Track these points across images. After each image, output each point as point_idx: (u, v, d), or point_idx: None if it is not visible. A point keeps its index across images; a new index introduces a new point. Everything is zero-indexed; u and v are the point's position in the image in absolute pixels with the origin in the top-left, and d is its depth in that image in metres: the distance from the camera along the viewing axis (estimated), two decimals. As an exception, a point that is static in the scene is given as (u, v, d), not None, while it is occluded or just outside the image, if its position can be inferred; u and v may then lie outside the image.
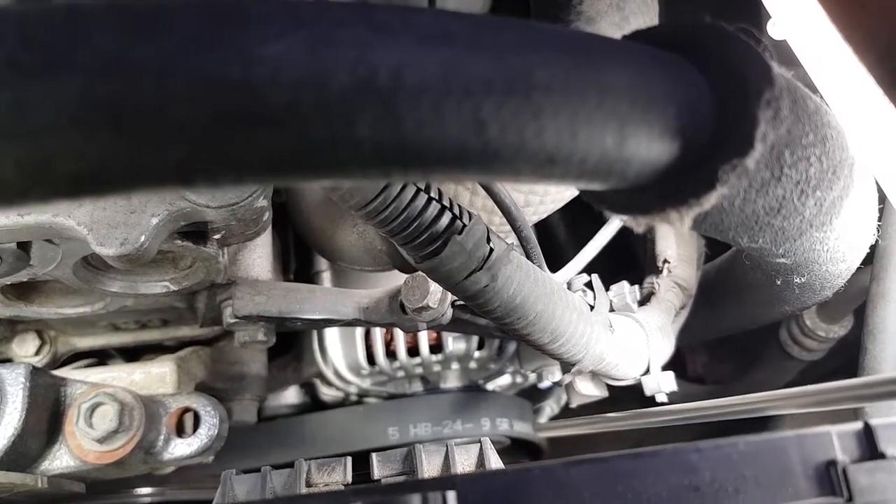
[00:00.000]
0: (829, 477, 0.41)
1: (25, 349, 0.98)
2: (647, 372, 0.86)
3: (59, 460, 0.79)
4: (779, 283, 0.70)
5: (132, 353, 1.10)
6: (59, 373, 0.85)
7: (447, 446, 0.66)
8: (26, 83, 0.26)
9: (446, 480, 0.36)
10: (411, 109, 0.28)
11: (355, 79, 0.28)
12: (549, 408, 1.42)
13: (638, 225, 0.41)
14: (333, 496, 0.35)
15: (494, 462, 0.67)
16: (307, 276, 1.22)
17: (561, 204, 0.85)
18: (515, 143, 0.32)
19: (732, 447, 0.40)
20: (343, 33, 0.28)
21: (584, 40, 0.34)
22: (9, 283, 0.70)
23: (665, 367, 0.90)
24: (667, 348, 0.89)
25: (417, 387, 1.28)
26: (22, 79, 0.26)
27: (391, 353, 1.19)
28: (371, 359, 1.20)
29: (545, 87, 0.31)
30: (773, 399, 0.76)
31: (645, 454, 0.39)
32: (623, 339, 0.79)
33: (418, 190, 0.56)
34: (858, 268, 0.67)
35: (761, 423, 1.42)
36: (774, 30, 0.77)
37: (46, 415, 0.78)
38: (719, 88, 0.37)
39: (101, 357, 1.10)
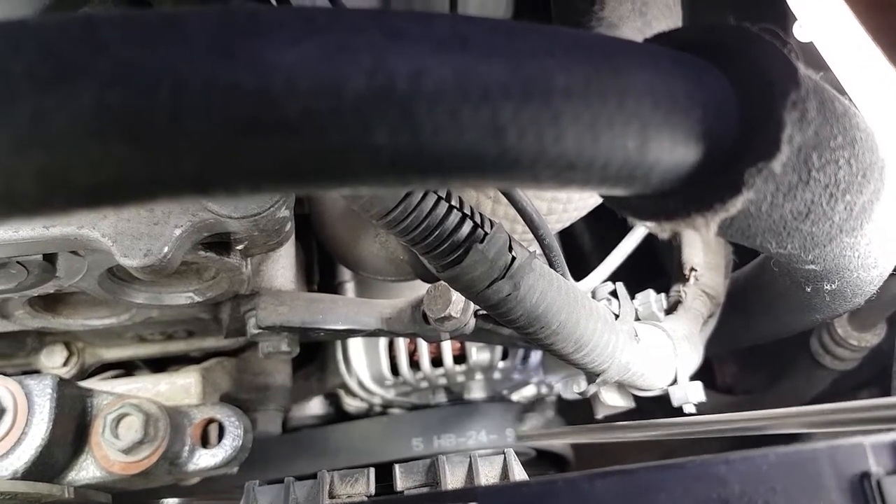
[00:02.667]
0: (863, 489, 0.40)
1: (53, 360, 1.00)
2: (674, 382, 0.84)
3: (86, 471, 0.80)
4: (808, 290, 0.69)
5: (158, 364, 1.11)
6: (85, 384, 0.86)
7: (471, 458, 0.65)
8: (44, 94, 0.26)
9: (468, 493, 0.36)
10: (428, 115, 0.28)
11: (372, 85, 0.28)
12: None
13: (663, 231, 0.40)
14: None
15: (518, 474, 0.66)
16: (331, 286, 1.22)
17: (585, 211, 0.84)
18: (534, 148, 0.31)
19: (762, 459, 0.38)
20: (358, 40, 0.28)
21: (604, 43, 0.33)
22: (36, 294, 0.71)
23: (693, 378, 0.88)
24: (694, 358, 0.87)
25: (441, 397, 1.28)
26: (40, 89, 0.26)
27: (415, 364, 1.18)
28: (395, 369, 1.19)
29: (564, 91, 0.30)
30: (794, 415, 0.74)
31: (672, 466, 0.38)
32: (649, 348, 0.78)
33: (439, 198, 0.56)
34: (891, 274, 0.65)
35: (788, 436, 1.39)
36: (801, 32, 0.76)
37: (73, 425, 0.79)
38: (744, 90, 0.36)
39: (127, 368, 1.11)
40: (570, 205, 0.80)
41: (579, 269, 0.92)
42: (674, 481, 0.37)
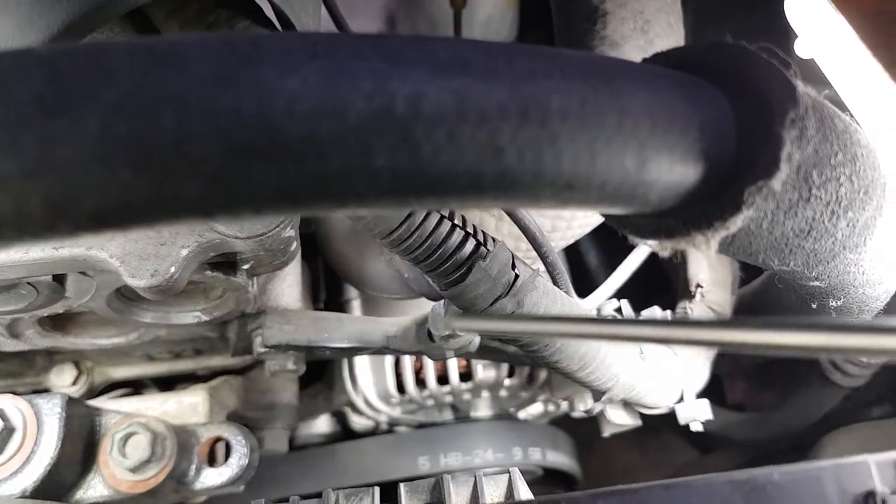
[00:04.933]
0: (868, 508, 0.39)
1: (63, 379, 1.00)
2: (681, 400, 0.84)
3: (94, 489, 0.80)
4: (814, 306, 0.68)
5: (167, 383, 1.11)
6: (93, 403, 0.86)
7: (475, 477, 0.65)
8: (52, 121, 0.27)
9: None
10: (428, 138, 0.28)
11: (372, 109, 0.28)
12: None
13: (663, 249, 0.40)
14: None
15: (524, 493, 0.66)
16: (337, 304, 1.23)
17: (589, 229, 0.84)
18: (533, 168, 0.32)
19: (766, 478, 0.38)
20: (358, 65, 0.29)
21: (601, 64, 0.34)
22: (45, 314, 0.71)
23: (702, 394, 0.87)
24: (701, 375, 0.87)
25: (448, 415, 1.27)
26: (48, 116, 0.27)
27: (421, 382, 1.18)
28: (401, 387, 1.19)
29: (561, 112, 0.31)
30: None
31: (676, 486, 0.38)
32: (655, 366, 0.78)
33: (442, 217, 0.56)
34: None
35: (799, 453, 1.37)
36: (802, 49, 0.76)
37: (81, 444, 0.79)
38: (742, 109, 0.36)
39: (136, 386, 1.11)
40: (574, 222, 0.80)
41: (586, 287, 0.93)
42: (677, 500, 0.37)
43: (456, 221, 0.57)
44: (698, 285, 0.95)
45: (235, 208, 0.28)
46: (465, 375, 1.17)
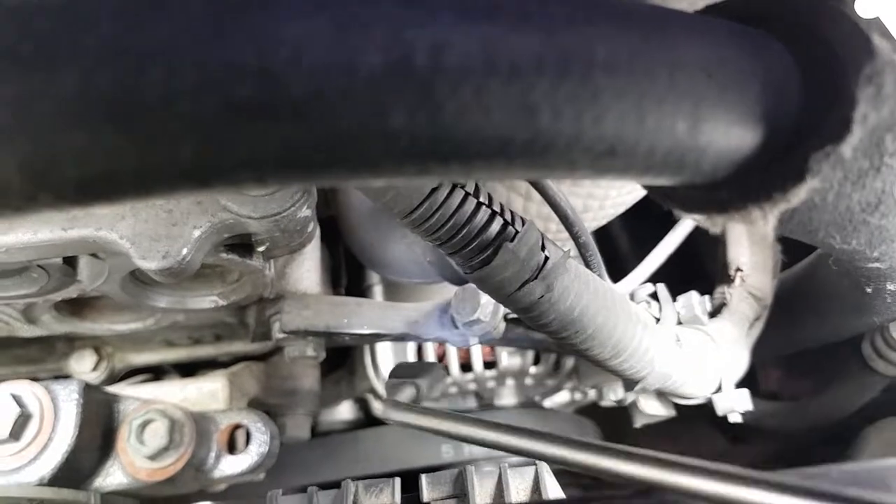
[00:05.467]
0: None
1: (83, 365, 0.99)
2: (718, 390, 0.80)
3: (112, 477, 0.78)
4: (869, 290, 0.64)
5: (187, 369, 1.10)
6: (112, 389, 0.84)
7: (500, 469, 0.62)
8: (26, 77, 0.24)
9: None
10: (451, 95, 0.25)
11: (388, 61, 0.25)
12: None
13: (714, 225, 0.36)
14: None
15: (550, 486, 0.62)
16: (358, 290, 1.20)
17: (622, 209, 0.80)
18: (571, 131, 0.28)
19: (822, 476, 0.34)
20: (372, 11, 0.25)
21: (651, 13, 0.30)
22: (59, 299, 0.69)
23: (738, 384, 0.83)
24: (741, 364, 0.83)
25: (472, 403, 1.24)
26: (23, 72, 0.24)
27: (444, 369, 1.15)
28: (424, 374, 1.16)
29: (606, 66, 0.27)
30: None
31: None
32: (692, 354, 0.74)
33: (466, 195, 0.52)
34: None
35: (835, 444, 1.32)
36: (863, 6, 0.70)
37: (99, 431, 0.77)
38: (808, 63, 0.32)
39: (156, 373, 1.10)
40: (606, 201, 0.76)
41: (617, 271, 0.88)
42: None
43: (481, 199, 0.53)
44: (738, 269, 0.90)
45: (234, 175, 0.25)
46: (490, 363, 1.14)
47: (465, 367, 1.13)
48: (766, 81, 0.31)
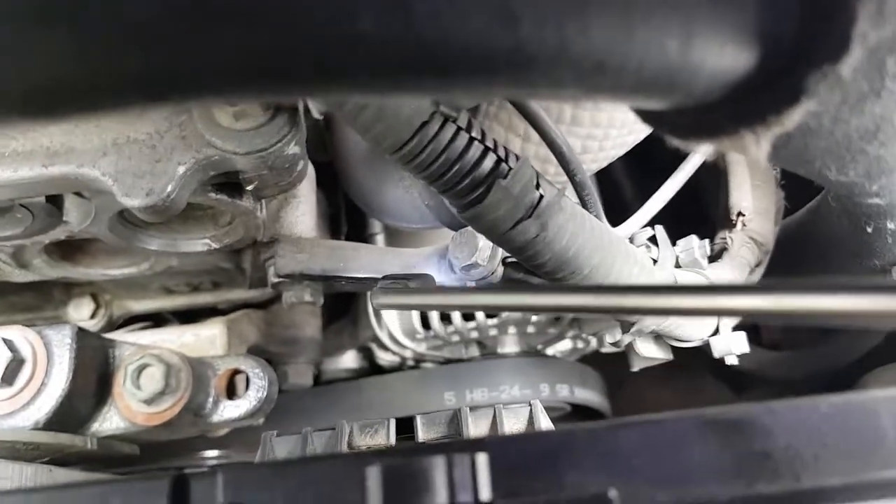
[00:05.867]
0: (928, 442, 0.35)
1: (81, 313, 0.99)
2: (716, 332, 0.79)
3: (109, 422, 0.79)
4: (869, 230, 0.62)
5: (187, 317, 1.10)
6: (109, 335, 0.84)
7: (495, 409, 0.62)
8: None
9: (477, 442, 0.32)
10: (422, -4, 0.23)
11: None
12: None
13: (707, 153, 0.35)
14: (350, 458, 0.32)
15: (545, 425, 0.62)
16: (360, 238, 1.19)
17: (623, 150, 0.78)
18: (555, 42, 0.26)
19: (812, 409, 0.34)
20: None
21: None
22: (48, 241, 0.69)
23: (736, 330, 0.82)
24: (739, 307, 0.82)
25: (474, 351, 1.24)
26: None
27: (446, 318, 1.15)
28: (426, 323, 1.16)
29: (589, -31, 0.25)
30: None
31: (708, 417, 0.33)
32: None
33: (458, 129, 0.51)
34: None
35: (845, 381, 1.32)
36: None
37: (95, 376, 0.78)
38: (808, -26, 0.30)
39: (156, 321, 1.10)
40: (606, 142, 0.74)
41: (620, 217, 0.87)
42: (709, 433, 0.33)
43: (474, 134, 0.52)
44: (740, 213, 0.89)
45: (188, 87, 0.24)
46: (492, 311, 1.13)
47: (468, 315, 1.13)
48: (761, -7, 0.29)
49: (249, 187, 0.60)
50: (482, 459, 0.27)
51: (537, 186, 0.54)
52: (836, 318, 0.26)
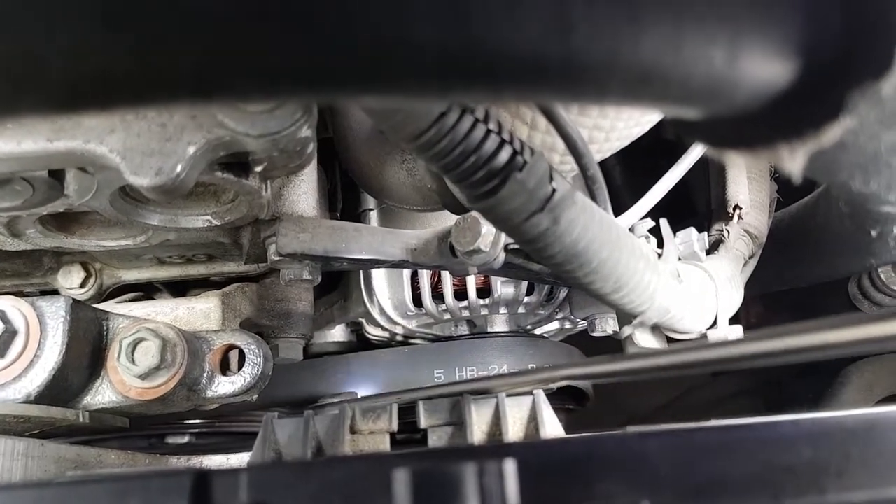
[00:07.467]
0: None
1: (71, 281, 0.97)
2: (713, 325, 0.80)
3: (102, 395, 0.78)
4: (874, 234, 0.63)
5: (178, 288, 1.09)
6: (102, 307, 0.83)
7: (497, 398, 0.62)
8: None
9: (505, 448, 0.32)
10: (482, 3, 0.23)
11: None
12: None
13: (740, 162, 0.35)
14: (375, 460, 0.32)
15: (548, 416, 0.63)
16: (354, 214, 1.18)
17: (627, 141, 0.78)
18: (607, 54, 0.26)
19: (837, 423, 0.34)
20: None
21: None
22: (45, 213, 0.67)
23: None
24: (735, 300, 0.83)
25: (464, 330, 1.25)
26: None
27: (438, 296, 1.15)
28: (417, 301, 1.17)
29: (647, -18, 0.24)
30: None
31: (734, 427, 0.34)
32: (691, 290, 0.73)
33: (476, 120, 0.50)
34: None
35: (812, 377, 1.35)
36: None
37: (88, 349, 0.77)
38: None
39: (147, 291, 1.09)
40: (612, 133, 0.74)
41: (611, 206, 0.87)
42: (735, 444, 0.33)
43: (491, 126, 0.51)
44: (737, 206, 0.89)
45: (234, 87, 0.23)
46: (483, 291, 1.14)
47: (460, 294, 1.13)
48: (806, 8, 0.29)
49: (258, 168, 0.59)
50: (510, 467, 0.28)
51: (551, 180, 0.54)
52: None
